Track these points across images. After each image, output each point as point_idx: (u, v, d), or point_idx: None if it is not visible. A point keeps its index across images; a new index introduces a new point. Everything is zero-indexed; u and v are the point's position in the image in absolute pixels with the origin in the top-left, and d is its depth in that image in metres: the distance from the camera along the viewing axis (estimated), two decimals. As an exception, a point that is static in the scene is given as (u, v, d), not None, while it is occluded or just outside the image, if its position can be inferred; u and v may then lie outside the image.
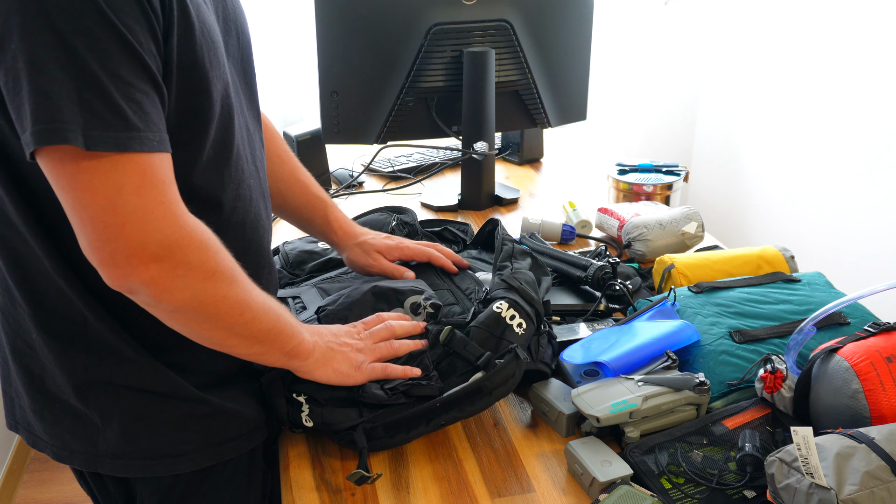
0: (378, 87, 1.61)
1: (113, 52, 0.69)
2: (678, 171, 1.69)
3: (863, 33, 2.29)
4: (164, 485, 0.94)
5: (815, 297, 1.13)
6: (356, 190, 1.84)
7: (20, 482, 2.41)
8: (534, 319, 1.02)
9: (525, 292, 1.03)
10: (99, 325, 0.86)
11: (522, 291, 1.02)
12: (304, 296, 1.16)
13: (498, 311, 0.99)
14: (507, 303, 1.00)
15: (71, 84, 0.68)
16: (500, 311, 0.99)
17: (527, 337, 1.00)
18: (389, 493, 0.90)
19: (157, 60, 0.74)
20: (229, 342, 0.85)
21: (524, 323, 1.00)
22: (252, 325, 0.85)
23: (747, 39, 2.82)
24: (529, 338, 1.01)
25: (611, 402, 0.92)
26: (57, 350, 0.88)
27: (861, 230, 2.38)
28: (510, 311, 0.99)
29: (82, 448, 0.92)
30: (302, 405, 0.94)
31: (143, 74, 0.72)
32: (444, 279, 1.17)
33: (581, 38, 1.72)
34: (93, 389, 0.89)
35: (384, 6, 1.54)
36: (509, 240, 1.15)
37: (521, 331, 0.99)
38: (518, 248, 1.14)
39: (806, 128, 2.56)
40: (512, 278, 1.04)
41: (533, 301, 1.03)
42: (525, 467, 0.94)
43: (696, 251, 1.42)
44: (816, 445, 0.79)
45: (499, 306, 1.00)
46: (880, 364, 0.87)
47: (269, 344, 0.88)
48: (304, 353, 0.91)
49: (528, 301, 1.02)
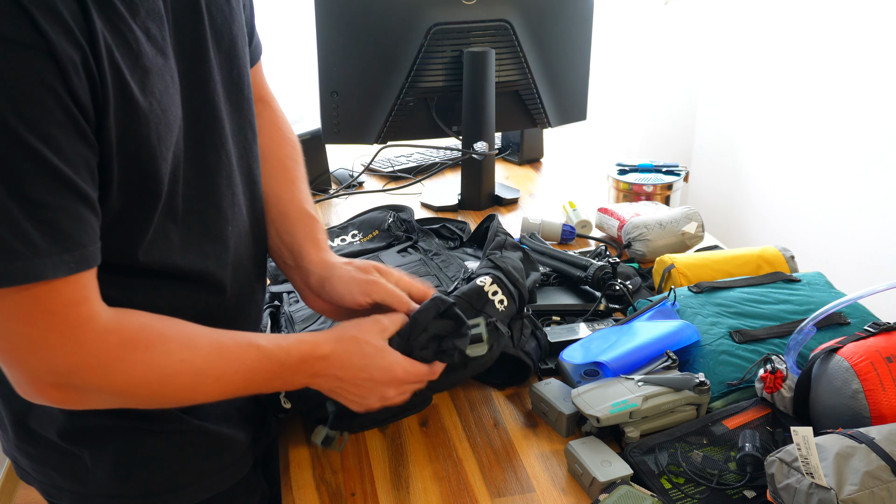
0: (378, 87, 1.61)
1: (22, 174, 0.63)
2: (678, 171, 1.69)
3: (862, 33, 2.29)
4: None
5: (815, 297, 1.13)
6: (356, 190, 1.84)
7: (20, 482, 2.41)
8: (516, 300, 1.00)
9: (510, 273, 1.00)
10: None
11: (507, 272, 1.00)
12: None
13: (481, 286, 0.97)
14: (490, 278, 0.98)
15: None
16: (483, 285, 0.97)
17: (507, 314, 0.98)
18: (389, 493, 0.90)
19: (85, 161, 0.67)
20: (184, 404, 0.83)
21: (506, 301, 0.98)
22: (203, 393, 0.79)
23: (747, 39, 2.82)
24: (510, 316, 0.99)
25: (611, 402, 0.92)
26: None
27: (861, 230, 2.38)
28: (493, 287, 0.97)
29: (71, 487, 0.88)
30: None
31: (60, 189, 0.65)
32: (430, 265, 1.17)
33: (581, 38, 1.72)
34: (79, 433, 0.86)
35: (384, 6, 1.54)
36: (503, 232, 1.15)
37: (501, 307, 0.97)
38: (510, 241, 1.13)
39: (806, 128, 2.56)
40: (500, 259, 1.02)
41: (517, 283, 1.00)
42: (525, 467, 0.94)
43: (696, 251, 1.42)
44: (816, 445, 0.79)
45: (482, 281, 0.97)
46: (880, 364, 0.87)
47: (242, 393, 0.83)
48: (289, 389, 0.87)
49: (513, 282, 1.00)
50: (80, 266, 0.68)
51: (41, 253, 0.65)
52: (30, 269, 0.65)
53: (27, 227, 0.64)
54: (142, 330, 0.75)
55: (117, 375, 0.73)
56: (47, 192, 0.64)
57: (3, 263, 0.63)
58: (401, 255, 1.24)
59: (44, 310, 0.67)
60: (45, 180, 0.64)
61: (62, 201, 0.65)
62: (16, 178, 0.62)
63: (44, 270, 0.65)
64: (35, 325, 0.68)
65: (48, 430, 0.86)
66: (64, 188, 0.65)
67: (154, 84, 0.72)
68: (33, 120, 0.62)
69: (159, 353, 0.75)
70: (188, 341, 0.78)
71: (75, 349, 0.70)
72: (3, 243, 0.63)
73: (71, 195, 0.66)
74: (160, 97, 0.73)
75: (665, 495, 0.85)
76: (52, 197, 0.65)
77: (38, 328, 0.68)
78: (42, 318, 0.68)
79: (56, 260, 0.66)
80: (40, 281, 0.65)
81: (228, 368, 0.79)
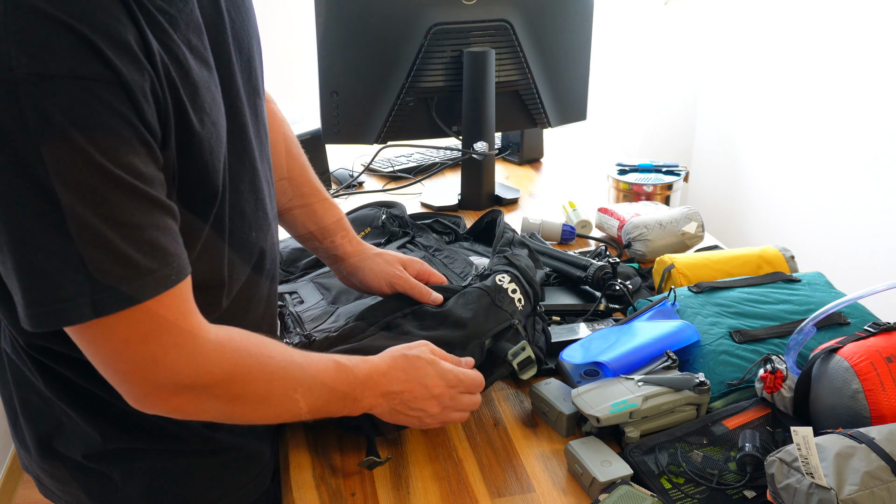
0: (378, 87, 1.61)
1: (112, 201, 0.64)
2: (678, 171, 1.69)
3: (863, 33, 2.29)
4: None
5: (815, 297, 1.13)
6: (356, 190, 1.84)
7: (20, 482, 2.41)
8: (531, 299, 1.04)
9: (525, 271, 1.05)
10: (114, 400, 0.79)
11: (522, 270, 1.05)
12: (301, 290, 1.17)
13: (500, 283, 1.01)
14: (508, 276, 1.02)
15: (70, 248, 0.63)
16: (503, 283, 1.01)
17: (524, 313, 1.02)
18: (389, 493, 0.90)
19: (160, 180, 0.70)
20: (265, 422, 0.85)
21: (523, 300, 1.02)
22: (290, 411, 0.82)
23: (747, 39, 2.82)
24: (526, 315, 1.03)
25: (611, 402, 0.92)
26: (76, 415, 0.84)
27: (861, 230, 2.38)
28: (511, 285, 1.01)
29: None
30: None
31: (148, 208, 0.67)
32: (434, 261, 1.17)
33: (581, 38, 1.72)
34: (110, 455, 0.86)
35: (384, 6, 1.54)
36: (510, 229, 1.16)
37: (520, 305, 1.01)
38: (517, 238, 1.16)
39: (806, 128, 2.56)
40: (514, 257, 1.07)
41: (532, 282, 1.05)
42: (525, 467, 0.94)
43: (696, 251, 1.42)
44: (816, 445, 0.79)
45: (501, 279, 1.02)
46: (880, 364, 0.87)
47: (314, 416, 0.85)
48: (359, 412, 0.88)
49: (528, 280, 1.04)
50: (181, 276, 0.70)
51: (144, 272, 0.67)
52: (138, 290, 0.66)
53: (127, 251, 0.65)
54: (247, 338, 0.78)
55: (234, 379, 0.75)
56: (139, 214, 0.66)
57: (112, 290, 0.65)
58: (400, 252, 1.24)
59: (159, 327, 0.69)
60: (134, 203, 0.66)
61: (153, 218, 0.67)
62: (107, 206, 0.64)
63: (153, 288, 0.67)
64: (152, 343, 0.69)
65: (74, 452, 0.86)
66: (151, 206, 0.67)
67: (203, 99, 0.73)
68: (113, 151, 0.63)
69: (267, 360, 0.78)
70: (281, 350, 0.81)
71: (195, 357, 0.72)
72: (108, 270, 0.64)
73: (158, 211, 0.68)
74: (210, 111, 0.74)
75: (665, 495, 0.85)
76: (143, 217, 0.66)
77: (156, 345, 0.69)
78: (157, 336, 0.69)
79: (158, 276, 0.68)
80: (150, 299, 0.67)
81: (315, 381, 0.82)
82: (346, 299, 1.12)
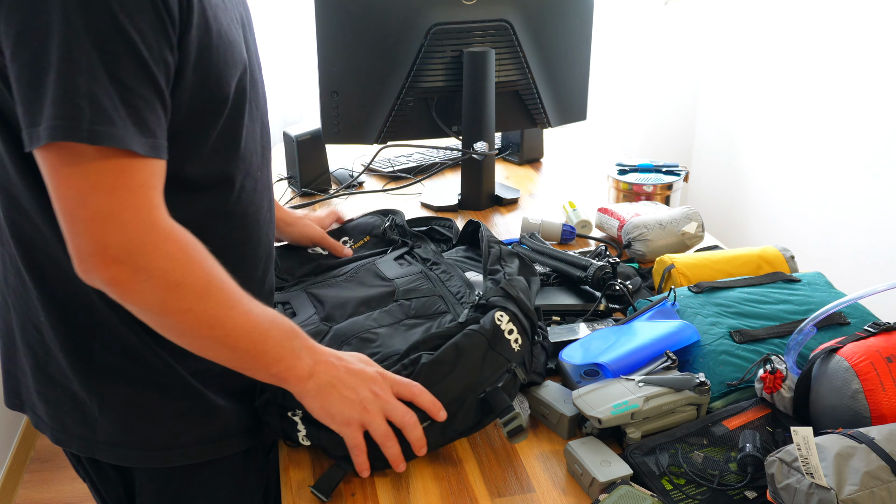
0: (378, 87, 1.61)
1: (119, 57, 0.71)
2: (678, 171, 1.69)
3: (862, 33, 2.29)
4: (162, 474, 0.96)
5: (815, 297, 1.13)
6: (356, 190, 1.84)
7: (20, 482, 2.41)
8: (529, 334, 1.00)
9: (522, 303, 1.00)
10: (106, 310, 0.87)
11: (520, 302, 1.00)
12: (294, 301, 1.15)
13: (498, 324, 0.97)
14: (507, 315, 0.97)
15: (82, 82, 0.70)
16: (500, 323, 0.97)
17: (521, 354, 0.98)
18: (389, 493, 0.90)
19: (166, 66, 0.76)
20: (205, 353, 0.84)
21: (520, 339, 0.98)
22: (226, 343, 0.82)
23: (747, 39, 2.82)
24: (523, 355, 0.99)
25: (612, 403, 0.92)
26: (63, 334, 0.89)
27: (861, 230, 2.38)
28: (509, 325, 0.97)
29: (81, 433, 0.93)
30: (297, 424, 0.92)
31: (145, 80, 0.73)
32: (431, 277, 1.16)
33: (581, 38, 1.72)
34: (94, 375, 0.90)
35: (384, 6, 1.54)
36: (495, 241, 1.13)
37: (517, 346, 0.97)
38: (505, 250, 1.11)
39: (806, 128, 2.56)
40: (509, 286, 1.01)
41: (529, 313, 1.01)
42: (525, 467, 0.94)
43: (696, 251, 1.42)
44: (816, 445, 0.79)
45: (499, 318, 0.97)
46: (880, 364, 0.87)
47: (251, 363, 0.85)
48: (295, 380, 0.87)
49: (525, 313, 1.00)
50: (155, 153, 0.76)
51: (129, 131, 0.73)
52: (121, 137, 0.72)
53: (118, 105, 0.72)
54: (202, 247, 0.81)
55: (176, 267, 0.77)
56: (136, 80, 0.73)
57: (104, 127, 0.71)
58: (398, 263, 1.23)
59: (124, 185, 0.74)
60: (135, 68, 0.72)
61: (145, 91, 0.74)
62: (114, 59, 0.71)
63: (131, 143, 0.73)
64: (116, 197, 0.73)
65: (66, 374, 0.91)
66: (148, 81, 0.74)
67: (221, 17, 0.83)
68: (132, 13, 0.71)
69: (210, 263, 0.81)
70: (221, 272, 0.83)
71: (148, 230, 0.76)
72: (105, 112, 0.71)
73: (152, 89, 0.75)
74: (227, 29, 0.84)
75: (666, 496, 0.85)
76: (138, 85, 0.73)
77: (118, 200, 0.74)
78: (122, 192, 0.74)
79: (138, 140, 0.73)
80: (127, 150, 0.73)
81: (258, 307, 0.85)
82: (340, 315, 1.09)
